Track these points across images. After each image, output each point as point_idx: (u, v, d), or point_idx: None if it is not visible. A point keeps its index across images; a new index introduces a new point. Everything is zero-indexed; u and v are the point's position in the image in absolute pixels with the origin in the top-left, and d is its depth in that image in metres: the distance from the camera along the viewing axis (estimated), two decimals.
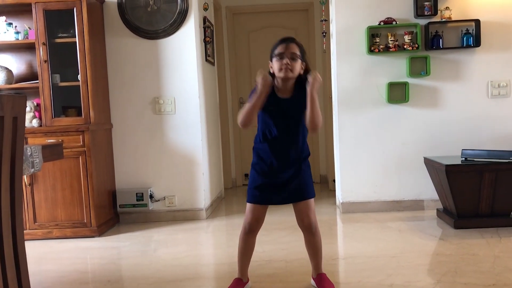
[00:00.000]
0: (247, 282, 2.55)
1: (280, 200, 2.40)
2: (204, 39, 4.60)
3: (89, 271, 3.09)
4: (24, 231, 1.97)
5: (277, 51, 2.30)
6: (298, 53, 2.30)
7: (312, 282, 2.57)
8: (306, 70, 2.36)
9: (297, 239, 3.36)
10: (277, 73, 2.31)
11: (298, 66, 2.31)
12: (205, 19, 4.63)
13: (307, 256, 2.55)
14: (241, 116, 2.30)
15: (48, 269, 3.09)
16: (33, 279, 2.11)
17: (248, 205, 2.43)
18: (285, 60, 2.27)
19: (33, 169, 2.00)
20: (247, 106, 2.28)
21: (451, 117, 4.16)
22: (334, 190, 4.77)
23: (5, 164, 1.77)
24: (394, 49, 4.06)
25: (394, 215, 4.07)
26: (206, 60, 4.67)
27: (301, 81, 2.34)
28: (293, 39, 2.34)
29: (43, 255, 3.42)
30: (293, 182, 2.37)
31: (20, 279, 1.92)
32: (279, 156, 2.36)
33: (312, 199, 2.43)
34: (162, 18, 4.15)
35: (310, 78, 2.26)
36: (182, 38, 4.19)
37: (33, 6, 3.77)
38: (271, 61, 2.35)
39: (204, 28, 4.60)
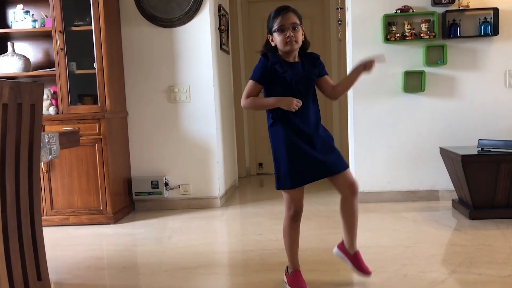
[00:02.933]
0: None
1: (318, 174, 2.25)
2: (219, 27, 4.59)
3: (105, 257, 3.14)
4: (42, 217, 2.00)
5: (277, 24, 2.23)
6: (298, 21, 2.24)
7: (336, 250, 2.53)
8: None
9: (310, 228, 3.37)
10: (282, 47, 2.24)
11: (300, 35, 2.26)
12: (220, 7, 4.62)
13: (319, 245, 2.53)
14: (249, 103, 2.29)
15: (64, 255, 3.14)
16: (49, 264, 2.14)
17: (286, 192, 2.29)
18: (288, 33, 2.21)
19: (50, 156, 2.03)
20: (260, 101, 2.28)
21: (467, 107, 4.11)
22: None
23: (23, 151, 1.80)
24: (410, 37, 4.02)
25: (408, 205, 4.05)
26: (221, 48, 4.66)
27: (303, 47, 2.31)
28: (289, 8, 2.26)
29: (60, 241, 3.47)
30: (324, 153, 2.24)
31: (38, 263, 1.95)
32: (303, 120, 2.25)
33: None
34: (178, 6, 4.15)
35: (367, 62, 2.33)
36: (197, 26, 4.19)
37: None
38: (271, 33, 2.28)
39: (219, 16, 4.59)
